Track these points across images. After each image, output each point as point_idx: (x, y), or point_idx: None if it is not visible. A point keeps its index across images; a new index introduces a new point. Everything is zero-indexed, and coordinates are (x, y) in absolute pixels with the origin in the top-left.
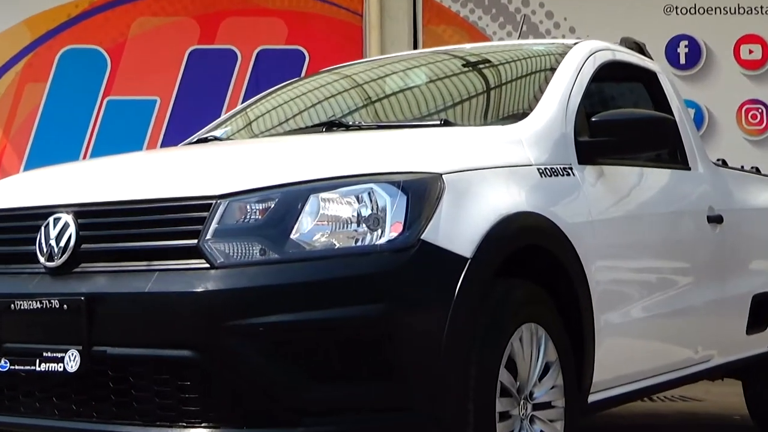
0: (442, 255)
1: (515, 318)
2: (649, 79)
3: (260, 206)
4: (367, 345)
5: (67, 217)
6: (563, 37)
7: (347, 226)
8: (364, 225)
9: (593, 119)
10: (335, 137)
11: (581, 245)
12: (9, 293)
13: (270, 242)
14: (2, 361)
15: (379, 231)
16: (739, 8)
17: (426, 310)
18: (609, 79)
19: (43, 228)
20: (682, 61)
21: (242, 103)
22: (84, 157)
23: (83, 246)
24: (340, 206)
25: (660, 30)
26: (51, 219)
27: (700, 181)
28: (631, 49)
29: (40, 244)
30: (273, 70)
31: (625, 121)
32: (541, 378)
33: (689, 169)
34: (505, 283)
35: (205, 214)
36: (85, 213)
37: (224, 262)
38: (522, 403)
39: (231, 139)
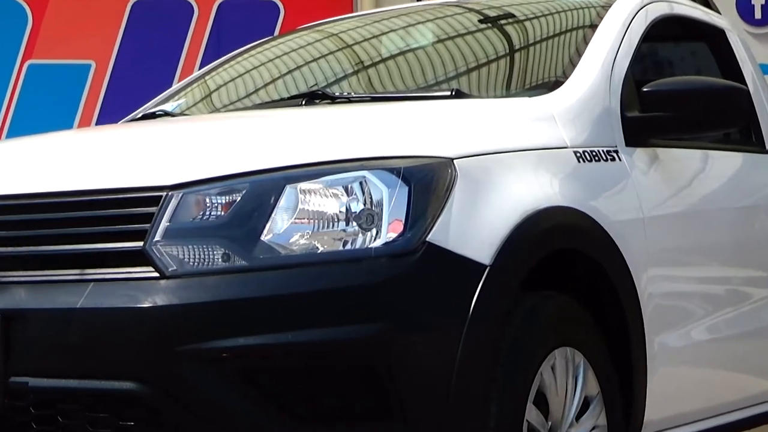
0: (453, 262)
1: (546, 341)
2: (715, 38)
3: (223, 199)
4: (359, 376)
5: None
6: None
7: (333, 225)
8: (354, 223)
9: (645, 89)
10: (318, 112)
11: (630, 249)
12: None
13: (235, 245)
14: None
15: (374, 231)
16: None
17: (433, 332)
18: (665, 38)
19: None
20: (758, 15)
21: (200, 69)
22: None
23: None
24: (324, 199)
25: None
26: None
27: None
28: (694, 0)
29: None
30: (239, 27)
31: (685, 92)
32: (578, 417)
33: (767, 151)
34: (533, 298)
35: (152, 209)
36: None
37: (177, 270)
38: None
39: (185, 115)
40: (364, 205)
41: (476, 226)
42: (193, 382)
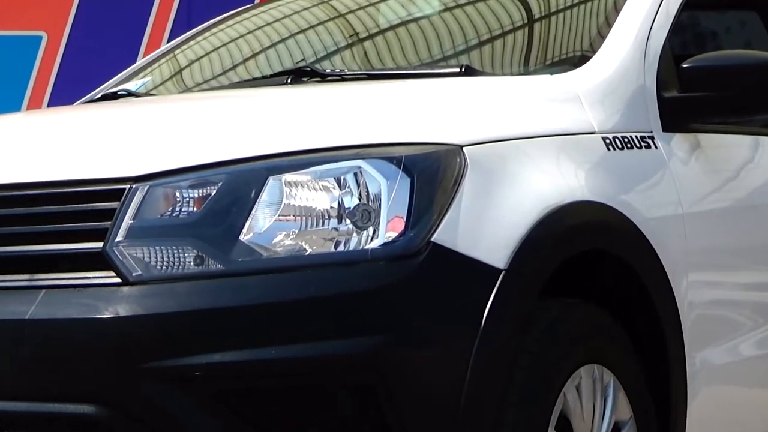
0: (462, 265)
1: (570, 358)
2: (766, 6)
3: (195, 193)
4: (353, 398)
5: None
6: None
7: (323, 223)
8: (348, 221)
9: (685, 65)
10: (305, 92)
11: (667, 250)
12: None
13: (210, 246)
14: None
15: (370, 230)
16: None
17: (439, 346)
18: (708, 6)
19: None
20: None
21: (168, 42)
22: None
23: None
24: (313, 193)
25: None
26: None
27: None
28: None
29: None
30: None
31: (731, 68)
32: None
33: None
34: (555, 307)
35: (114, 204)
36: None
37: (142, 275)
38: None
39: (152, 95)
40: (359, 199)
41: (489, 224)
42: (160, 404)
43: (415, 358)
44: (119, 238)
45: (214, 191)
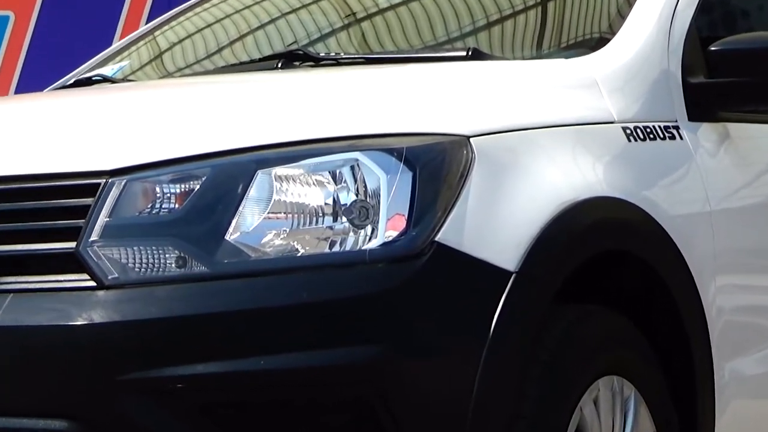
0: (469, 267)
1: (588, 369)
2: None
3: (177, 188)
4: (350, 413)
5: None
6: None
7: (317, 221)
8: (344, 219)
9: (713, 48)
10: (297, 77)
11: (693, 251)
12: None
13: (193, 246)
14: None
15: (369, 228)
16: None
17: (444, 356)
18: None
19: None
20: None
21: (147, 23)
22: None
23: None
24: (306, 188)
25: None
26: None
27: None
28: None
29: None
30: None
31: (764, 51)
32: None
33: None
34: (571, 313)
35: (88, 201)
36: None
37: (119, 278)
38: None
39: (129, 81)
40: (357, 195)
41: (499, 222)
42: (139, 420)
43: (418, 369)
44: (94, 237)
45: (198, 186)
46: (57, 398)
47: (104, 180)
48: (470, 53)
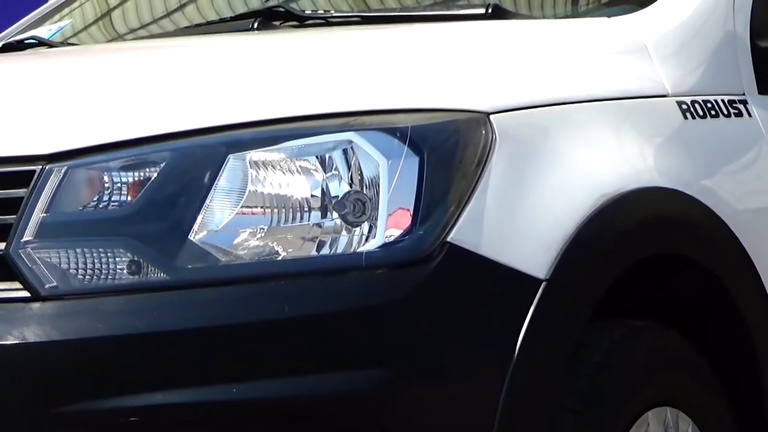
0: (488, 274)
1: (635, 398)
2: None
3: (130, 176)
4: None
5: None
6: None
7: (302, 217)
8: (335, 214)
9: None
10: (277, 41)
11: (764, 254)
12: None
13: (150, 248)
14: None
15: (366, 226)
16: None
17: (458, 383)
18: None
19: None
20: None
21: None
22: None
23: None
24: (288, 176)
25: None
26: None
27: None
28: None
29: None
30: None
31: None
32: None
33: None
34: (614, 331)
35: (20, 192)
36: None
37: (58, 287)
38: None
39: (70, 45)
40: (350, 185)
41: (525, 219)
42: None
43: (425, 399)
44: (27, 237)
45: (155, 174)
46: None
47: (40, 167)
48: (490, 10)
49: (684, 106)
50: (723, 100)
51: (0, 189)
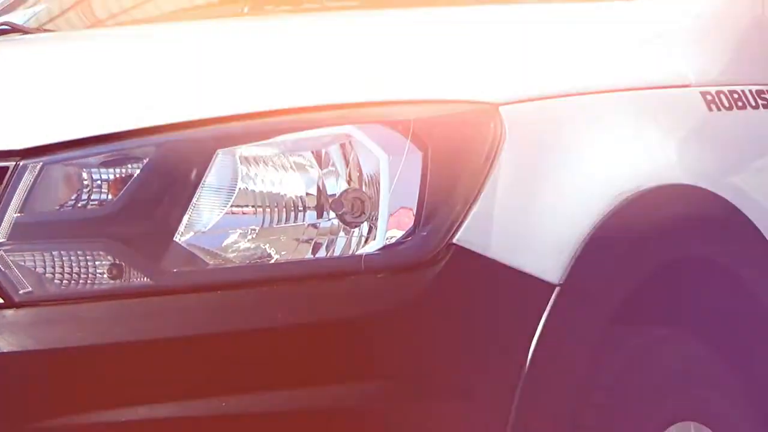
0: (498, 278)
1: (656, 413)
2: None
3: (110, 173)
4: None
5: None
6: None
7: (296, 217)
8: (332, 213)
9: None
10: (269, 27)
11: None
12: None
13: (132, 250)
14: None
15: (365, 227)
16: None
17: (465, 397)
18: None
19: None
20: None
21: None
22: None
23: None
24: (282, 173)
25: None
26: None
27: None
28: None
29: None
30: None
31: None
32: None
33: None
34: (632, 339)
35: None
36: None
37: (34, 292)
38: None
39: (46, 31)
40: (349, 182)
41: (537, 219)
42: None
43: (428, 416)
44: (0, 239)
45: (138, 171)
46: None
47: (13, 163)
48: None
49: (708, 97)
50: (750, 91)
51: None
